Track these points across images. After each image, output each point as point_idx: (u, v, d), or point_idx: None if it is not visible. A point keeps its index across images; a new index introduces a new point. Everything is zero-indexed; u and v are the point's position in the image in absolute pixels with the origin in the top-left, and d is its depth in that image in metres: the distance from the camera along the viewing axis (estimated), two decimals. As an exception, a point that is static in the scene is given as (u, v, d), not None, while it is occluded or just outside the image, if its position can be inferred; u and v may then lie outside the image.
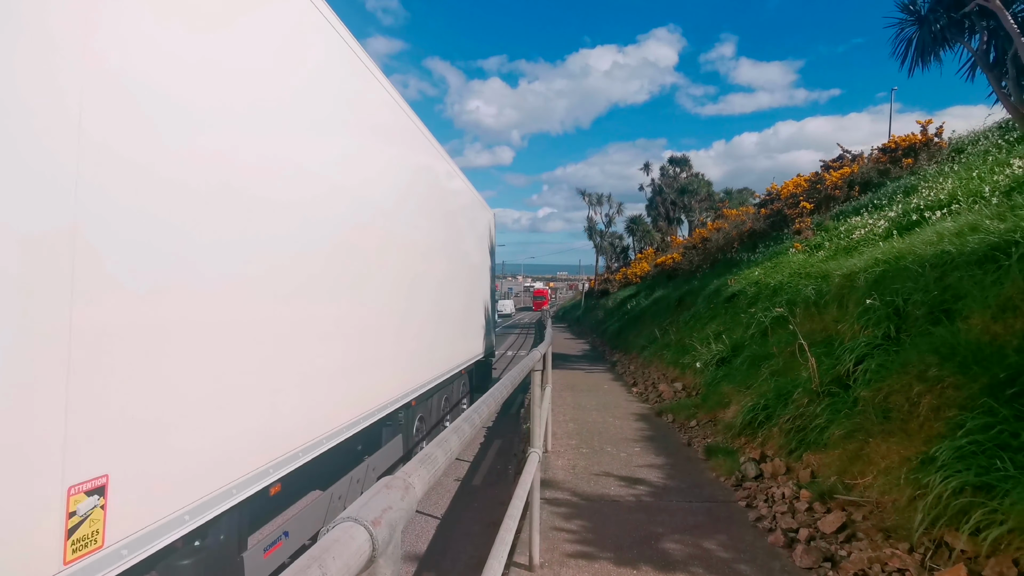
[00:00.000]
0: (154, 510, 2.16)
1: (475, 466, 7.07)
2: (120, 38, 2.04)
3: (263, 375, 2.95)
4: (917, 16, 10.91)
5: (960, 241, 4.83)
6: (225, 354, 2.64)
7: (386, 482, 0.85)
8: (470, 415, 1.43)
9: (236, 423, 2.71)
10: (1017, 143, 7.81)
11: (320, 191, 3.66)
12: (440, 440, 1.16)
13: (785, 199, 13.79)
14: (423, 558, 4.70)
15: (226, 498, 2.58)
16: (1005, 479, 2.76)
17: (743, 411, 5.89)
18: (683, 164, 42.44)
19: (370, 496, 0.79)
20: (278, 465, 3.03)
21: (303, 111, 3.42)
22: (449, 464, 1.13)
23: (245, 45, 2.84)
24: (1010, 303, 3.77)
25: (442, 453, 1.09)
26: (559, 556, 3.54)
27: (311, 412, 3.47)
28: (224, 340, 2.64)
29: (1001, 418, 3.07)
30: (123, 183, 2.05)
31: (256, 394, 2.89)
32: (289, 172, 3.25)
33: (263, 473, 2.89)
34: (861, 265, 6.10)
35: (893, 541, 3.20)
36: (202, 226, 2.49)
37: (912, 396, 3.90)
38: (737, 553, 3.53)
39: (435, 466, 1.02)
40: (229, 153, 2.70)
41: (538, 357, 3.52)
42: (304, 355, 3.38)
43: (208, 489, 2.46)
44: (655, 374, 11.28)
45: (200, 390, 2.46)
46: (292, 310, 3.26)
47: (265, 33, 3.02)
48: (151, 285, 2.18)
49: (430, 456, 1.03)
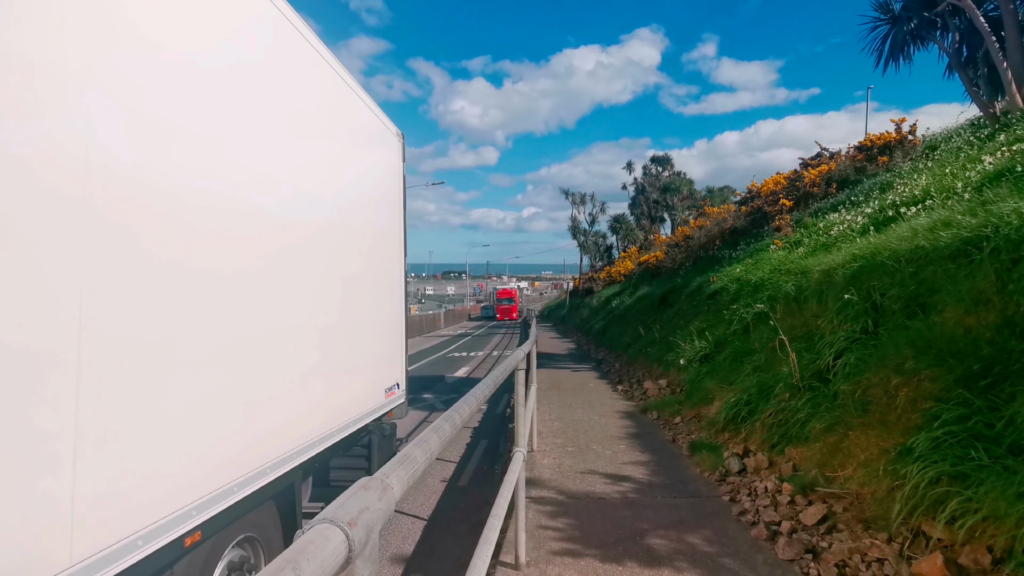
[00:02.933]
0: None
1: (462, 466, 7.05)
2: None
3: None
4: (891, 15, 11.14)
5: (934, 236, 4.93)
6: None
7: (363, 483, 0.84)
8: (451, 415, 1.42)
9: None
10: (988, 140, 8.00)
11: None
12: (420, 440, 1.15)
13: (765, 197, 13.96)
14: (410, 559, 4.68)
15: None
16: (979, 468, 2.83)
17: (726, 407, 5.96)
18: (665, 163, 42.80)
19: (346, 497, 0.78)
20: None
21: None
22: (429, 464, 1.12)
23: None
24: (982, 296, 3.86)
25: (421, 453, 1.08)
26: (545, 554, 3.54)
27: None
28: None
29: (975, 409, 3.14)
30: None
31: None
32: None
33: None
34: (839, 261, 6.20)
35: (872, 532, 3.26)
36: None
37: (890, 389, 3.97)
38: (721, 547, 3.56)
39: (414, 466, 1.01)
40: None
41: (521, 356, 3.52)
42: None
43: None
44: (640, 372, 11.36)
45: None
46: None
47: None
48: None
49: (409, 456, 1.02)
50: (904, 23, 10.97)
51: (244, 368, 2.86)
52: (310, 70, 3.77)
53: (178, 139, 2.44)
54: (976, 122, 10.45)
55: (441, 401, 11.69)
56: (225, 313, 2.71)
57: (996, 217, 4.31)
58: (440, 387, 13.76)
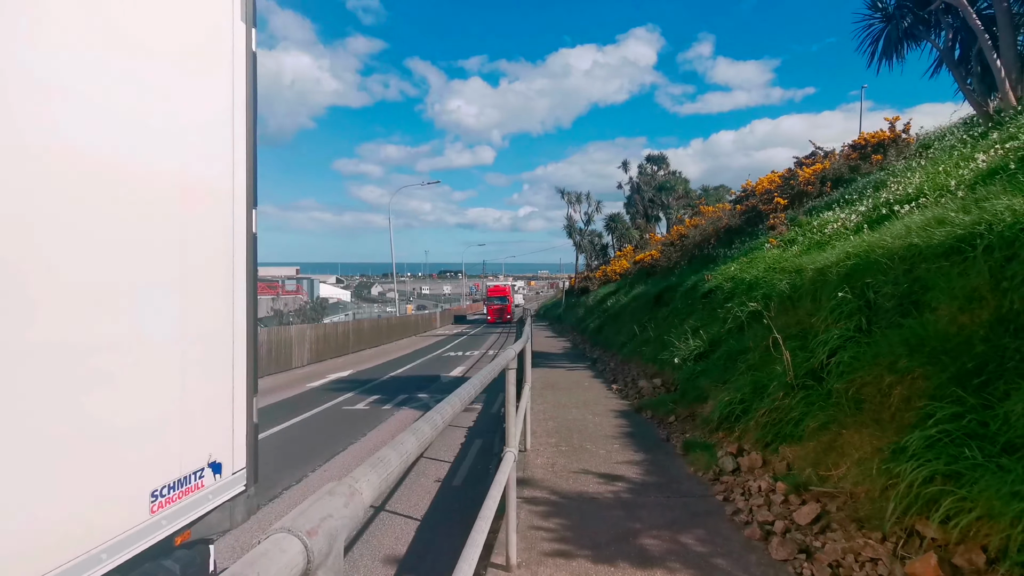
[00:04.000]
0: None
1: (456, 466, 7.01)
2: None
3: None
4: (884, 13, 11.14)
5: (927, 234, 4.91)
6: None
7: (329, 488, 0.79)
8: (432, 416, 1.37)
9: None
10: (981, 138, 8.00)
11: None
12: (396, 442, 1.10)
13: (760, 195, 13.97)
14: (402, 560, 4.64)
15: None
16: (974, 467, 2.80)
17: (720, 406, 5.93)
18: (661, 162, 42.84)
19: (309, 504, 0.74)
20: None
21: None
22: (405, 468, 1.08)
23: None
24: (976, 294, 3.84)
25: (397, 456, 1.03)
26: (537, 555, 3.50)
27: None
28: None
29: (969, 407, 3.12)
30: None
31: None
32: None
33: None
34: (833, 259, 6.19)
35: (866, 531, 3.23)
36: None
37: (883, 387, 3.95)
38: (714, 547, 3.53)
39: (388, 469, 0.97)
40: None
41: (512, 356, 3.48)
42: None
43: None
44: (634, 370, 11.34)
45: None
46: None
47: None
48: None
49: (383, 459, 0.98)
50: (897, 21, 10.97)
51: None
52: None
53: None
54: (969, 120, 10.47)
55: (435, 401, 11.65)
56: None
57: (990, 214, 4.29)
58: (435, 387, 13.72)
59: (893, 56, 11.24)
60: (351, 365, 19.35)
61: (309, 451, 7.77)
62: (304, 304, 70.62)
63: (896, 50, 11.21)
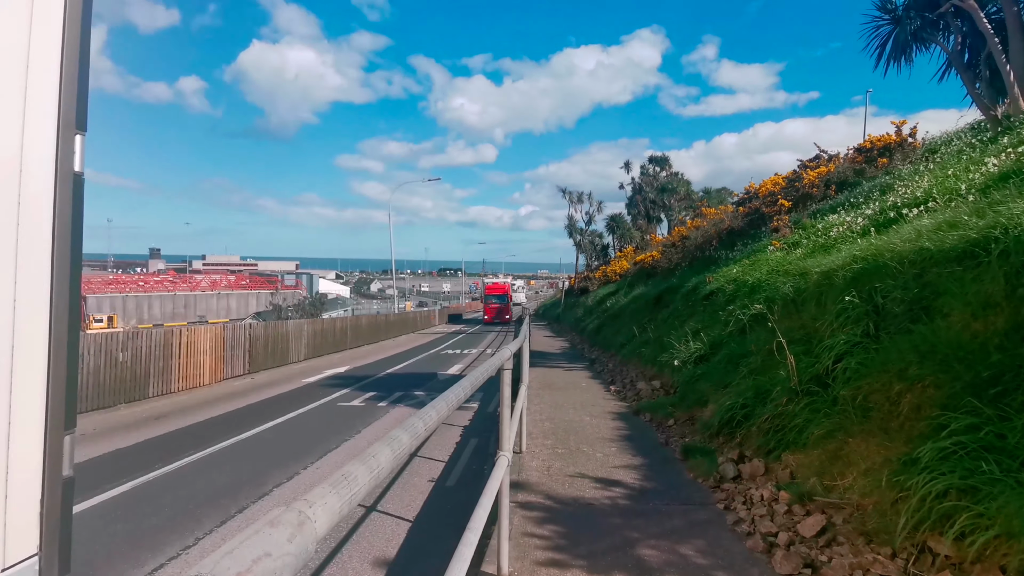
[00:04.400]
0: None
1: (450, 466, 6.86)
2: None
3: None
4: (893, 15, 11.00)
5: (939, 238, 4.76)
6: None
7: (271, 518, 0.64)
8: (413, 422, 1.22)
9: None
10: (991, 142, 7.85)
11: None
12: (366, 454, 0.95)
13: (763, 197, 13.83)
14: (392, 563, 4.49)
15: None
16: (991, 482, 2.66)
17: (721, 410, 5.78)
18: (663, 163, 42.69)
19: (241, 540, 0.59)
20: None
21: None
22: (374, 485, 0.93)
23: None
24: (991, 300, 3.69)
25: (366, 472, 0.88)
26: (530, 564, 3.36)
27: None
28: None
29: (986, 418, 2.97)
30: None
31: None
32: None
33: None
34: (839, 262, 6.04)
35: (875, 546, 3.09)
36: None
37: (892, 395, 3.80)
38: (715, 559, 3.38)
39: (353, 489, 0.81)
40: None
41: (508, 355, 3.33)
42: None
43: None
44: (633, 372, 11.19)
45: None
46: None
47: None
48: None
49: (347, 476, 0.82)
50: (906, 23, 10.82)
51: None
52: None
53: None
54: (977, 125, 10.32)
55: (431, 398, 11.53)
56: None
57: (1005, 218, 4.14)
58: (432, 384, 13.57)
59: (901, 58, 11.11)
60: (348, 361, 19.22)
61: (302, 447, 7.63)
62: (303, 299, 70.57)
63: (904, 52, 11.08)
